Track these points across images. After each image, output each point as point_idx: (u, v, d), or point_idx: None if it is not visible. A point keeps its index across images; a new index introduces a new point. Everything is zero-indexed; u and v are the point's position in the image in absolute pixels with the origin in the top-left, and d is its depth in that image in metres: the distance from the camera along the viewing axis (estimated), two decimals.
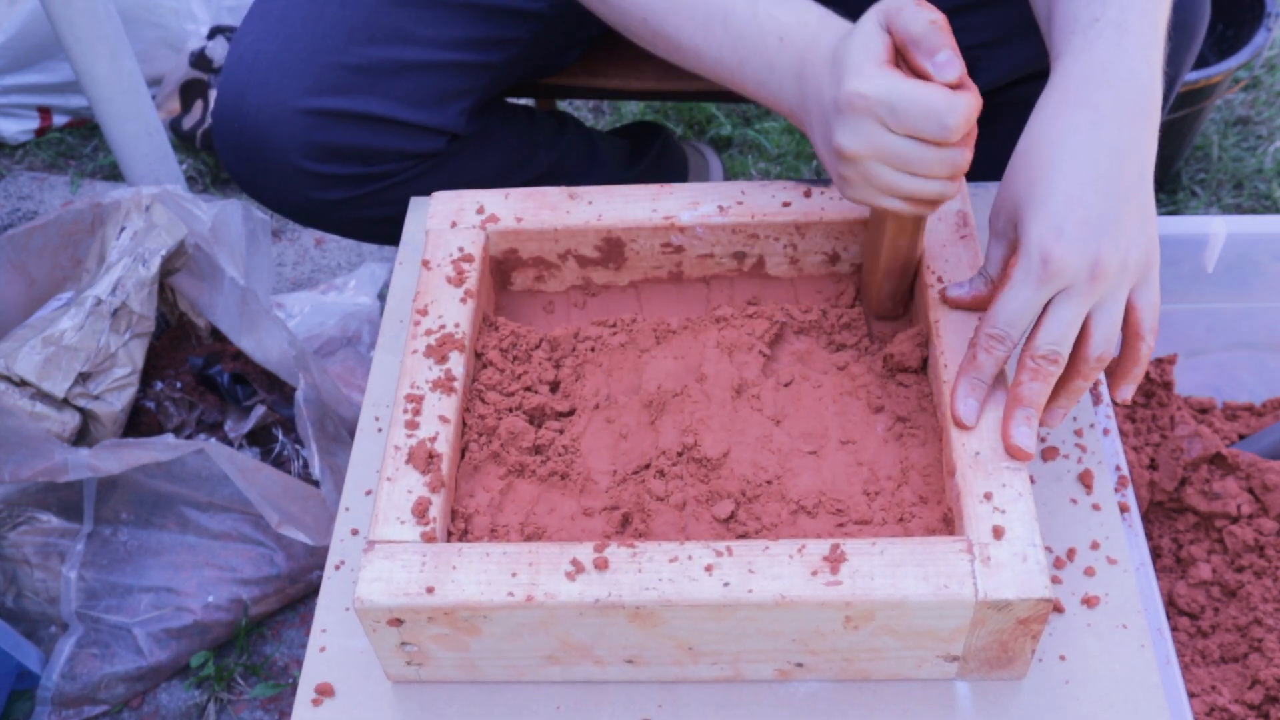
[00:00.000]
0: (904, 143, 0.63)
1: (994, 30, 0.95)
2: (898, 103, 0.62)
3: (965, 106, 0.61)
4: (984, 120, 1.04)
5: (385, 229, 0.99)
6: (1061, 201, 0.63)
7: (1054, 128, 0.66)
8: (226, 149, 0.95)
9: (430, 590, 0.61)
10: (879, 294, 0.78)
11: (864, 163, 0.65)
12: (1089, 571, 0.69)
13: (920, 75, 0.62)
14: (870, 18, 0.64)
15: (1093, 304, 0.64)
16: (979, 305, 0.71)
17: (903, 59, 0.64)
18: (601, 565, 0.61)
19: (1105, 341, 0.65)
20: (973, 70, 0.99)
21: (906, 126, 0.62)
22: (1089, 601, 0.68)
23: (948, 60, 0.61)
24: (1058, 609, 0.68)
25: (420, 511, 0.65)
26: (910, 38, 0.62)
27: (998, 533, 0.61)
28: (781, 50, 0.71)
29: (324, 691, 0.67)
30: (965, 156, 0.64)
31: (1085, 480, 0.72)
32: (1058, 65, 0.68)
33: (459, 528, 0.69)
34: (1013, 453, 0.64)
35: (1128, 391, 0.69)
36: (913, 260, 0.75)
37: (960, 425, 0.66)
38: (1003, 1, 0.82)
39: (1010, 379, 0.67)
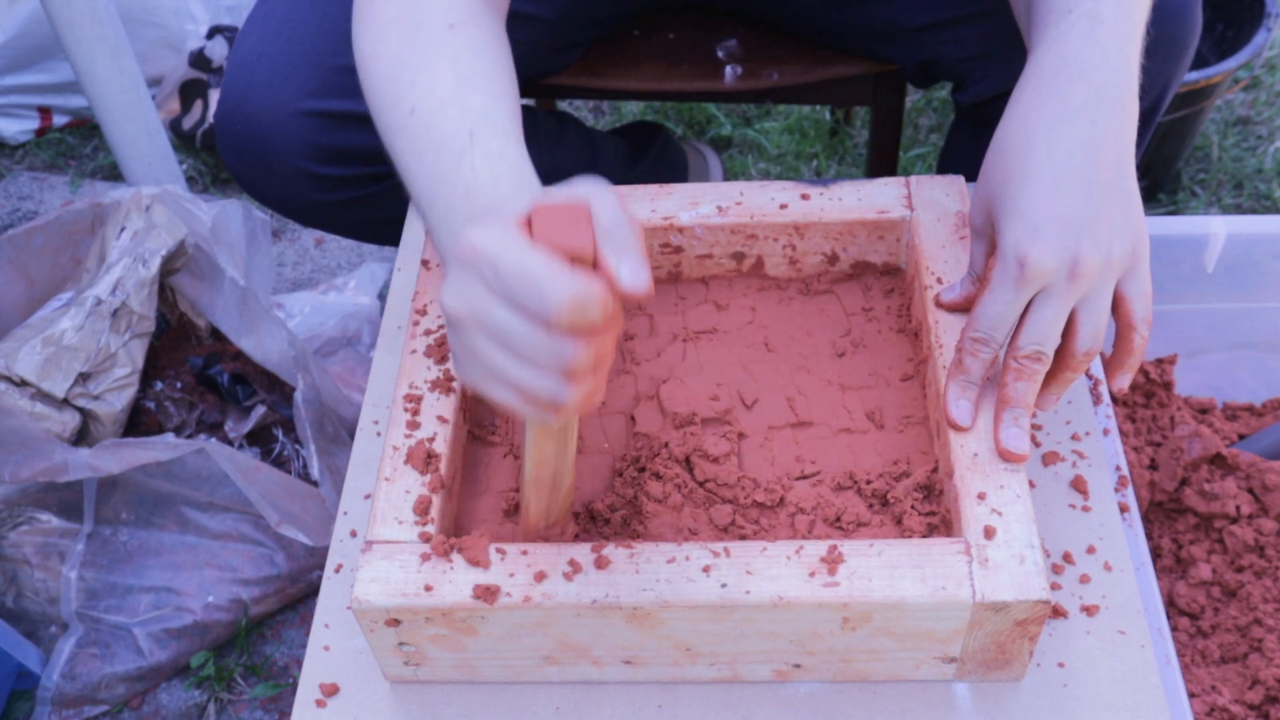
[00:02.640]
0: (506, 314, 0.51)
1: (984, 43, 0.95)
2: (501, 262, 0.50)
3: (572, 287, 0.48)
4: (976, 131, 1.04)
5: (387, 230, 0.99)
6: (1036, 201, 0.62)
7: (1025, 123, 0.65)
8: (229, 151, 0.95)
9: (428, 590, 0.61)
10: (525, 506, 0.65)
11: (466, 330, 0.53)
12: (1085, 579, 0.69)
13: (602, 273, 0.50)
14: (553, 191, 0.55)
15: (1076, 301, 0.63)
16: (970, 305, 0.70)
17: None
18: (599, 566, 0.61)
19: (1091, 338, 0.64)
20: (964, 83, 1.00)
21: (508, 292, 0.50)
22: (1088, 605, 0.68)
23: (634, 267, 0.49)
24: (1060, 613, 0.67)
25: (418, 512, 0.65)
26: (601, 228, 0.50)
27: (995, 534, 0.61)
28: (464, 205, 0.62)
29: (325, 691, 0.68)
30: (578, 355, 0.50)
31: (1080, 486, 0.72)
32: (1030, 58, 0.68)
33: (457, 527, 0.69)
34: (1005, 456, 0.64)
35: (1124, 381, 0.68)
36: (565, 471, 0.62)
37: (956, 428, 0.66)
38: (993, 15, 0.82)
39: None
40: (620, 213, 0.51)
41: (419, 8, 0.70)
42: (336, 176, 0.94)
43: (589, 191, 0.52)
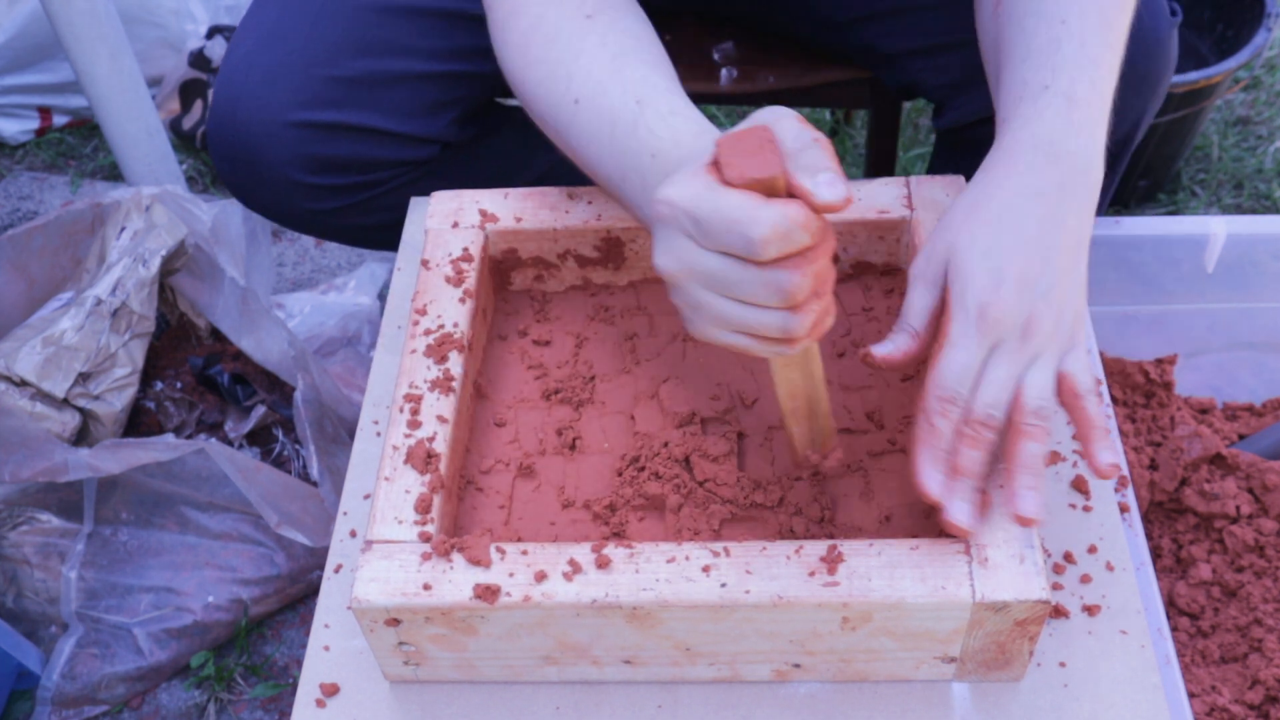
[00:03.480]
0: (717, 260, 0.53)
1: (962, 71, 0.95)
2: (699, 211, 0.52)
3: (772, 217, 0.50)
4: (954, 156, 1.05)
5: (381, 235, 0.99)
6: (1003, 256, 0.61)
7: (1001, 190, 0.64)
8: (221, 159, 0.95)
9: (427, 589, 0.61)
10: (790, 441, 0.69)
11: (684, 286, 0.56)
12: (1086, 578, 0.69)
13: (798, 196, 0.52)
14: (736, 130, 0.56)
15: (1025, 364, 0.61)
16: (910, 361, 0.65)
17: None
18: (599, 565, 0.61)
19: (1039, 396, 0.61)
20: (942, 108, 1.00)
21: (712, 240, 0.53)
22: (1089, 606, 0.68)
23: (830, 180, 0.51)
24: (1061, 613, 0.67)
25: (418, 511, 0.65)
26: (787, 151, 0.52)
27: (995, 534, 0.61)
28: (653, 168, 0.65)
29: (325, 691, 0.68)
30: (795, 281, 0.52)
31: (1081, 487, 0.72)
32: (1005, 129, 0.67)
33: (456, 527, 0.69)
34: (950, 530, 0.60)
35: (1107, 455, 0.61)
36: (818, 395, 0.65)
37: (928, 499, 0.61)
38: (971, 45, 0.82)
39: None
40: (804, 130, 0.52)
41: (553, 9, 0.73)
42: (328, 185, 0.94)
43: (768, 117, 0.53)
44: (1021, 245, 0.62)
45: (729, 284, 0.54)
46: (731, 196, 0.51)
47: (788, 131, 0.52)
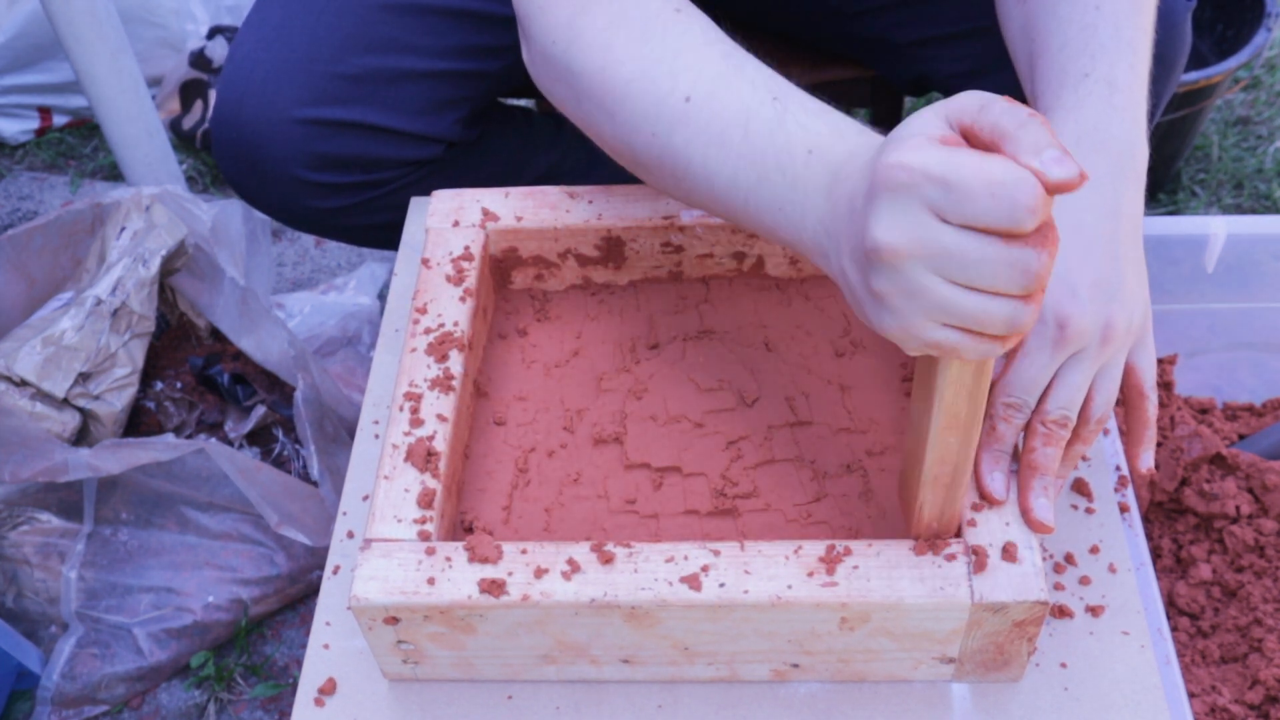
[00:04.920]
0: (959, 235, 0.47)
1: (974, 61, 0.95)
2: (953, 176, 0.46)
3: (1036, 182, 0.45)
4: None
5: (384, 234, 0.99)
6: (1071, 264, 0.62)
7: None
8: (225, 158, 0.95)
9: (427, 587, 0.61)
10: (915, 507, 0.61)
11: (906, 267, 0.49)
12: (1086, 580, 0.69)
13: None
14: (928, 110, 0.50)
15: (1100, 367, 0.63)
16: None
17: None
18: (597, 565, 0.61)
19: (1106, 404, 0.64)
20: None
21: (963, 210, 0.46)
22: (1091, 607, 0.68)
23: (1058, 157, 0.45)
24: (1066, 613, 0.67)
25: (418, 509, 0.65)
26: (1001, 132, 0.46)
27: (994, 535, 0.61)
28: (810, 164, 0.58)
29: (324, 690, 0.68)
30: (1044, 262, 0.47)
31: (1082, 489, 0.72)
32: (1048, 121, 0.67)
33: (456, 526, 0.69)
34: (1035, 528, 0.62)
35: (1149, 459, 0.67)
36: (969, 453, 0.58)
37: (992, 501, 0.63)
38: (984, 34, 0.82)
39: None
40: (1017, 108, 0.47)
41: (634, 6, 0.66)
42: (332, 184, 0.94)
43: (974, 99, 0.48)
44: (1086, 247, 0.62)
45: (966, 263, 0.47)
46: (993, 159, 0.46)
47: (1001, 110, 0.47)
